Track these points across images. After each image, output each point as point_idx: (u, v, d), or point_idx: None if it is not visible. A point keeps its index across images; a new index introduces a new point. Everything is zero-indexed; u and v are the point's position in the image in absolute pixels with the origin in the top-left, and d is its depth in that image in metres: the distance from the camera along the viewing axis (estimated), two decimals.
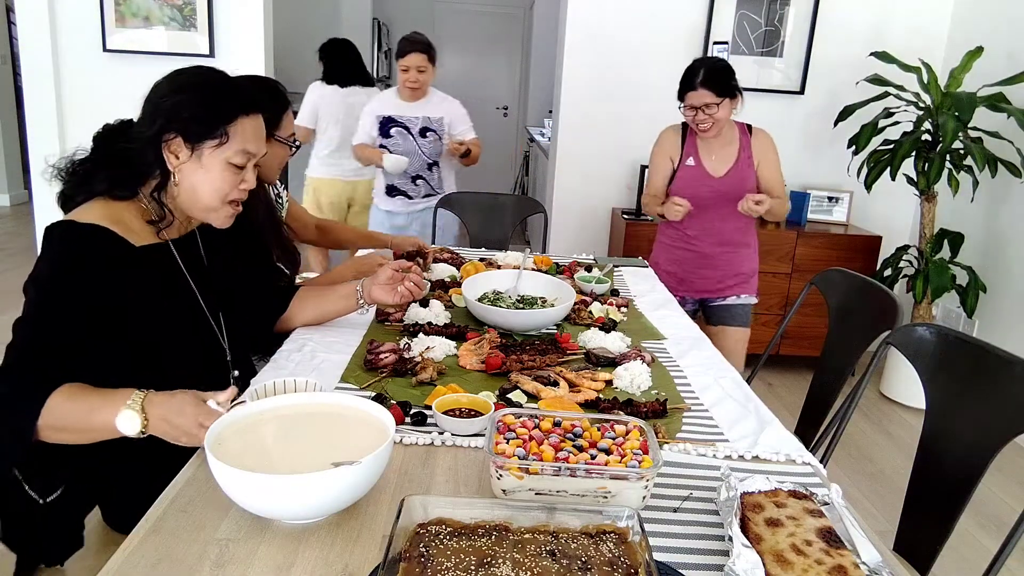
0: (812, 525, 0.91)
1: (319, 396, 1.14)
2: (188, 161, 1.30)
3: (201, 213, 1.36)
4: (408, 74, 3.09)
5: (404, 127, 3.18)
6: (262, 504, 0.92)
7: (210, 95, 1.32)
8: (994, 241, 3.39)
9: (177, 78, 1.32)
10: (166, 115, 1.28)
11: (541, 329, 1.78)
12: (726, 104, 2.34)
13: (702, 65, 2.36)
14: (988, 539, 2.42)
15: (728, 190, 2.44)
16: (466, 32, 8.49)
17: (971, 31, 3.59)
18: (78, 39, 3.63)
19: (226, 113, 1.31)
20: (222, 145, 1.30)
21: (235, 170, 1.33)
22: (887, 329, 1.69)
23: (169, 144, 1.29)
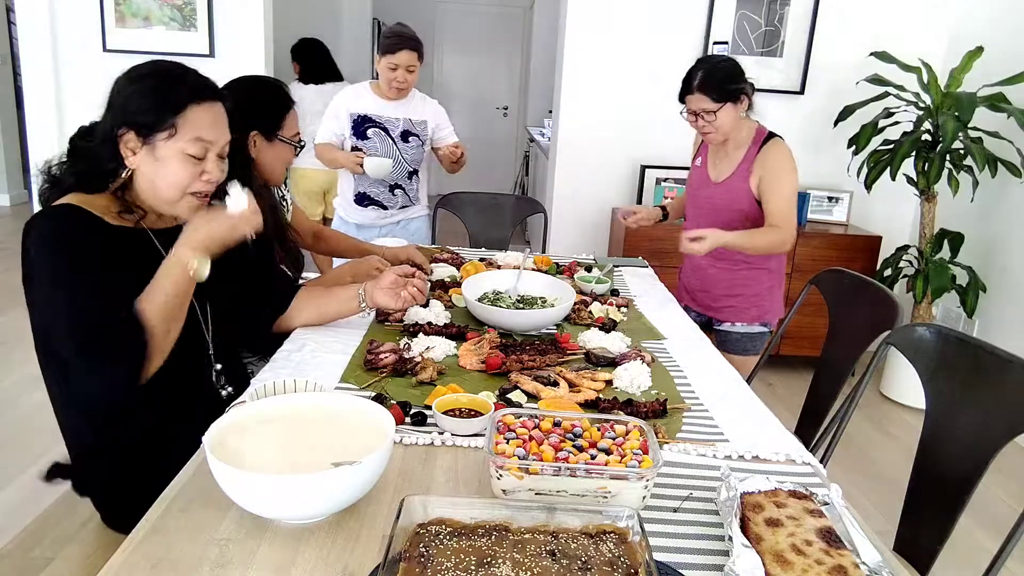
0: (812, 525, 0.91)
1: (319, 396, 1.14)
2: (142, 155, 1.28)
3: (165, 207, 1.34)
4: (396, 73, 2.73)
5: (383, 129, 2.83)
6: (262, 504, 0.92)
7: (156, 86, 1.30)
8: (994, 241, 3.39)
9: (130, 72, 1.32)
10: (117, 110, 1.28)
11: (541, 329, 1.78)
12: (727, 109, 2.15)
13: (700, 67, 2.19)
14: (988, 539, 2.41)
15: (719, 200, 2.26)
16: (466, 32, 8.49)
17: (971, 31, 3.59)
18: (78, 39, 3.64)
19: (174, 103, 1.29)
20: (172, 136, 1.28)
21: (193, 161, 1.30)
22: (887, 329, 1.69)
23: (123, 139, 1.28)
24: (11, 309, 3.93)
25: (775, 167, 2.15)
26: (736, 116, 2.19)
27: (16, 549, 1.34)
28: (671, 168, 3.82)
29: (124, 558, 0.88)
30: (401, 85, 2.76)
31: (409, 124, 2.85)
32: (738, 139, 2.24)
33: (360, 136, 2.83)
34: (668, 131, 3.84)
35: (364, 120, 2.83)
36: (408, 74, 2.75)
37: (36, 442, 2.60)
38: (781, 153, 2.18)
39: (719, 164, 2.29)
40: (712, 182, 2.28)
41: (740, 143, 2.24)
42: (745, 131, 2.24)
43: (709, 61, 2.26)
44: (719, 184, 2.26)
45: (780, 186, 2.14)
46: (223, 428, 1.01)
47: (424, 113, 2.88)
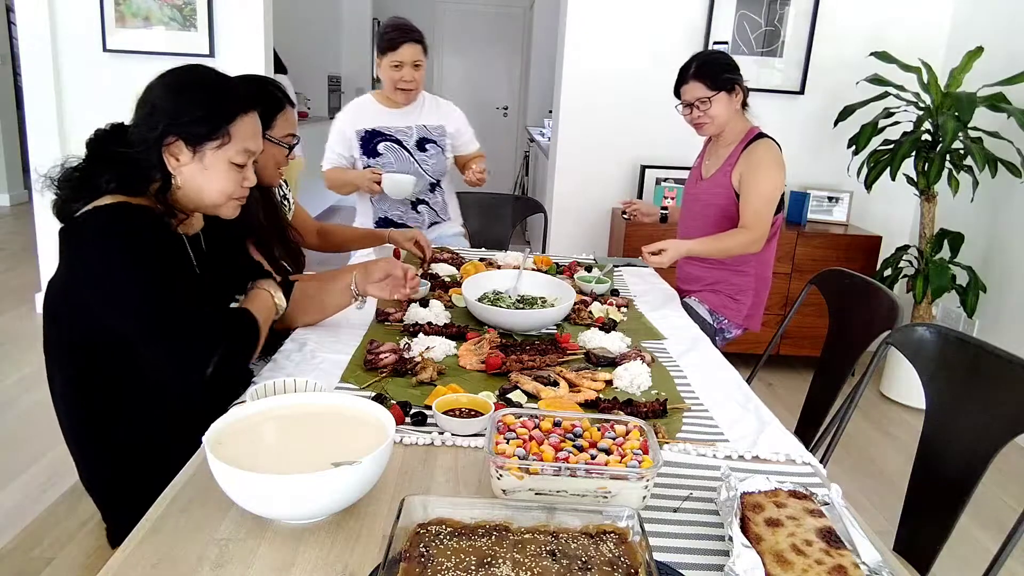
0: (812, 525, 0.91)
1: (319, 396, 1.14)
2: (190, 163, 1.29)
3: (208, 209, 1.37)
4: (402, 72, 2.46)
5: (395, 141, 2.57)
6: (262, 504, 0.92)
7: (210, 96, 1.31)
8: (994, 241, 3.39)
9: (172, 79, 1.32)
10: (167, 118, 1.27)
11: (541, 329, 1.78)
12: (721, 98, 2.14)
13: (696, 58, 2.20)
14: (988, 539, 2.42)
15: (701, 196, 2.28)
16: (466, 32, 8.49)
17: (971, 31, 3.59)
18: (78, 39, 3.63)
19: (227, 113, 1.31)
20: (224, 145, 1.31)
21: (237, 169, 1.33)
22: (887, 329, 1.69)
23: (169, 147, 1.28)
24: (11, 309, 3.93)
25: (757, 164, 2.13)
26: (730, 108, 2.18)
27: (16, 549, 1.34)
28: (671, 168, 3.82)
29: (124, 558, 0.88)
30: (408, 85, 2.50)
31: (424, 131, 2.59)
32: (730, 136, 2.25)
33: (371, 154, 2.58)
34: (668, 131, 3.84)
35: (373, 135, 2.56)
36: (415, 71, 2.49)
37: (36, 442, 2.60)
38: (766, 151, 2.15)
39: (710, 162, 2.31)
40: (701, 179, 2.31)
41: (731, 140, 2.24)
42: (738, 129, 2.24)
43: (704, 53, 2.29)
44: (706, 180, 2.28)
45: (758, 183, 2.12)
46: (223, 428, 1.01)
47: (439, 117, 2.63)
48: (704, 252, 2.14)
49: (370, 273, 1.63)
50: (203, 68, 1.36)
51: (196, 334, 1.25)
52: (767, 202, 2.13)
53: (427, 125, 2.61)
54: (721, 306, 2.34)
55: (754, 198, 2.12)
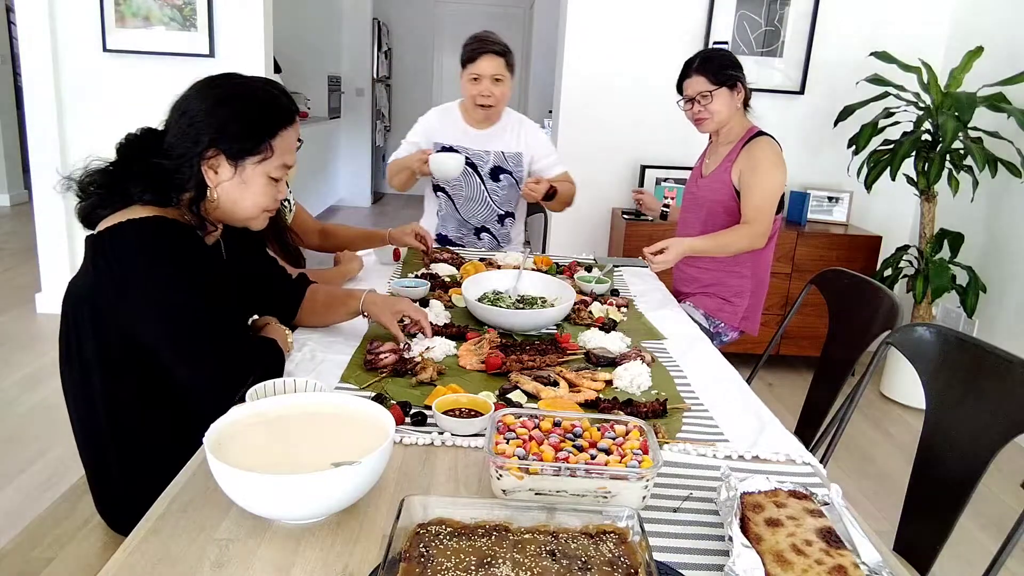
0: (812, 525, 0.91)
1: (319, 396, 1.14)
2: (228, 176, 1.28)
3: (238, 222, 1.37)
4: (480, 85, 2.34)
5: (470, 164, 2.44)
6: (262, 504, 0.92)
7: (255, 109, 1.29)
8: (994, 241, 3.39)
9: (213, 90, 1.29)
10: (211, 132, 1.25)
11: (541, 329, 1.78)
12: (723, 94, 2.16)
13: (700, 53, 2.24)
14: (988, 539, 2.42)
15: (702, 193, 2.28)
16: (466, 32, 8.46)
17: (971, 31, 3.59)
18: (78, 39, 3.64)
19: (271, 128, 1.29)
20: (265, 160, 1.30)
21: (274, 183, 1.33)
22: (887, 329, 1.69)
23: (209, 160, 1.27)
24: (11, 309, 3.93)
25: (757, 161, 2.14)
26: (731, 105, 2.19)
27: (16, 549, 1.34)
28: (671, 168, 3.82)
29: (124, 558, 0.88)
30: (487, 100, 2.36)
31: (501, 159, 2.46)
32: (730, 135, 2.25)
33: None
34: (668, 131, 3.85)
35: (450, 152, 2.45)
36: (495, 85, 2.35)
37: (36, 442, 2.60)
38: (766, 149, 2.15)
39: (710, 160, 2.31)
40: (701, 177, 2.32)
41: (731, 138, 2.25)
42: (738, 127, 2.24)
43: (708, 49, 2.38)
44: (706, 177, 2.28)
45: (759, 180, 2.12)
46: (223, 428, 1.01)
47: (519, 143, 2.48)
48: (706, 249, 2.13)
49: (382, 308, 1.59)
50: (243, 78, 1.34)
51: (230, 365, 1.26)
52: (768, 198, 2.13)
53: (505, 152, 2.48)
54: (716, 309, 2.34)
55: (755, 193, 2.12)
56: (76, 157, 1.32)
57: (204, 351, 1.26)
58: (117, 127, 1.37)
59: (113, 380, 1.28)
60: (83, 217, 1.29)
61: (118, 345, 1.26)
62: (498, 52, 2.33)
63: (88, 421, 1.33)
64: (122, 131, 1.34)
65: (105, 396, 1.29)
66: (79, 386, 1.31)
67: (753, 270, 2.30)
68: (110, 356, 1.27)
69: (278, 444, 1.06)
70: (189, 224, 1.28)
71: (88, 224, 1.29)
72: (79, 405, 1.33)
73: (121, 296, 1.22)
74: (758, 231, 2.10)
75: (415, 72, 8.70)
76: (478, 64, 2.33)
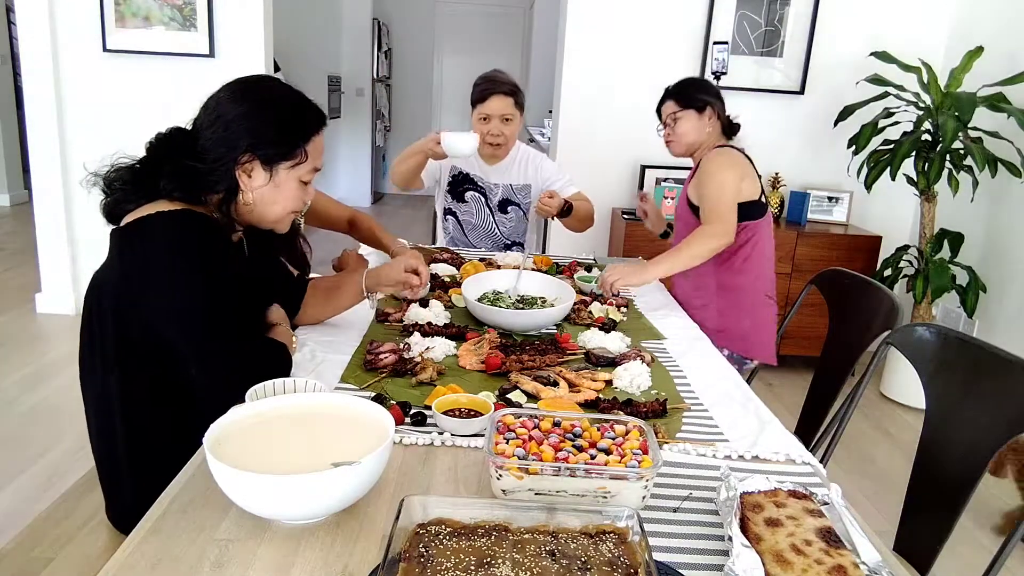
0: (812, 525, 0.91)
1: (319, 396, 1.14)
2: (262, 180, 1.30)
3: (268, 225, 1.38)
4: (489, 125, 2.39)
5: (482, 193, 2.54)
6: (262, 504, 0.92)
7: (291, 115, 1.31)
8: (994, 241, 3.39)
9: (248, 95, 1.30)
10: (249, 137, 1.27)
11: (541, 329, 1.78)
12: (690, 116, 2.14)
13: (680, 80, 2.23)
14: (988, 539, 2.42)
15: (679, 218, 2.27)
16: (466, 32, 8.50)
17: (971, 31, 3.59)
18: (78, 39, 3.64)
19: (305, 133, 1.32)
20: (298, 165, 1.32)
21: (304, 186, 1.35)
22: (887, 329, 1.69)
23: (243, 165, 1.28)
24: (11, 309, 3.94)
25: (706, 171, 2.08)
26: (698, 127, 2.15)
27: (16, 549, 1.34)
28: (671, 168, 3.82)
29: (124, 558, 0.88)
30: (496, 139, 2.41)
31: (509, 191, 2.53)
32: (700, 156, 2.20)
33: (457, 198, 2.57)
34: None
35: (464, 179, 2.54)
36: (504, 125, 2.40)
37: (36, 442, 2.60)
38: (719, 155, 2.09)
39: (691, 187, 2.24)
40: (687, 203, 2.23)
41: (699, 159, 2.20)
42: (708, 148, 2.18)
43: (687, 78, 2.28)
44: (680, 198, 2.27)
45: (709, 183, 2.05)
46: (223, 428, 1.01)
47: (527, 175, 2.54)
48: (671, 266, 2.02)
49: (386, 277, 1.64)
50: (276, 82, 1.36)
51: (241, 367, 1.26)
52: (720, 199, 2.02)
53: (513, 185, 2.55)
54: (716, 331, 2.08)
55: (707, 196, 2.04)
56: (76, 157, 1.33)
57: (218, 350, 1.26)
58: (117, 127, 1.38)
59: (131, 374, 1.28)
60: (107, 212, 1.30)
61: (139, 339, 1.27)
62: (507, 92, 2.38)
63: (104, 415, 1.33)
64: (122, 131, 1.35)
65: (122, 390, 1.29)
66: (98, 379, 1.31)
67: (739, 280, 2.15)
68: (130, 350, 1.28)
69: (278, 444, 1.06)
70: (217, 220, 1.30)
71: (112, 219, 1.30)
72: (96, 398, 1.33)
73: (144, 287, 1.23)
74: (718, 229, 1.99)
75: (415, 72, 8.70)
76: (488, 104, 2.38)
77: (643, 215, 2.54)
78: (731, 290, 2.18)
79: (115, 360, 1.28)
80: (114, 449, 1.33)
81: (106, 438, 1.34)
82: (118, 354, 1.28)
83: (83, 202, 3.79)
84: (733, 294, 2.18)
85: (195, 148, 1.28)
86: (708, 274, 2.16)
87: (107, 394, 1.30)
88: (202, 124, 1.30)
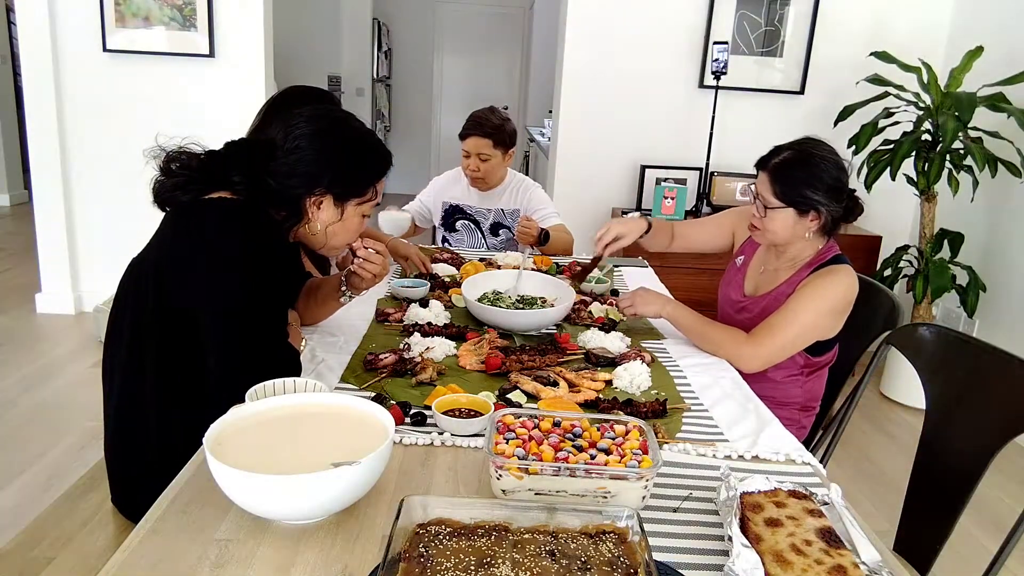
0: (812, 525, 0.91)
1: (319, 396, 1.14)
2: (329, 213, 1.35)
3: (326, 251, 1.45)
4: (468, 161, 2.55)
5: (473, 221, 2.69)
6: (262, 504, 0.92)
7: (368, 158, 1.37)
8: (994, 241, 3.39)
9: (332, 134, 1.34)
10: (329, 175, 1.31)
11: (541, 329, 1.78)
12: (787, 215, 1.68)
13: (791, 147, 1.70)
14: (988, 539, 2.41)
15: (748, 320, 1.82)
16: (466, 32, 8.49)
17: (971, 31, 3.59)
18: (78, 39, 3.64)
19: (378, 174, 1.38)
20: (366, 202, 1.38)
21: (363, 219, 1.42)
22: (887, 329, 1.69)
23: (315, 197, 1.33)
24: (11, 309, 3.93)
25: (808, 287, 1.67)
26: (793, 230, 1.69)
27: (16, 549, 1.34)
28: (671, 168, 3.82)
29: (124, 558, 0.88)
30: (474, 174, 2.56)
31: (501, 215, 2.68)
32: (793, 257, 1.77)
33: (449, 228, 2.73)
34: (668, 131, 3.85)
35: (455, 211, 2.70)
36: (481, 163, 2.53)
37: (36, 442, 2.60)
38: (827, 278, 1.67)
39: (760, 277, 1.85)
40: (744, 293, 1.86)
41: (794, 263, 1.77)
42: (808, 251, 1.76)
43: (807, 145, 1.70)
44: (752, 299, 1.82)
45: (798, 300, 1.65)
46: (223, 428, 1.02)
47: (517, 201, 2.67)
48: (686, 326, 1.74)
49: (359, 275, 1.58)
50: (356, 123, 1.40)
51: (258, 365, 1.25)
52: (790, 331, 1.64)
53: (504, 210, 2.70)
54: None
55: (782, 316, 1.65)
56: (76, 157, 1.34)
57: (243, 348, 1.25)
58: (117, 127, 1.38)
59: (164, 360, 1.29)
60: (158, 193, 1.30)
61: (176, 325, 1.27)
62: (484, 134, 2.52)
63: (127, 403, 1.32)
64: (122, 131, 1.35)
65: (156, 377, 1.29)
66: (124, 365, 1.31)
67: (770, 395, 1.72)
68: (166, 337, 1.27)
69: (278, 444, 1.06)
70: (275, 218, 1.32)
71: (160, 203, 1.30)
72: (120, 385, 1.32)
73: (191, 268, 1.24)
74: (756, 352, 1.64)
75: (415, 72, 8.70)
76: (467, 142, 2.56)
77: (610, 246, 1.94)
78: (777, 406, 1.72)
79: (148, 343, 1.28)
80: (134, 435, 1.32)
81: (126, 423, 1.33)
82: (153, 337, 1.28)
83: (83, 202, 3.80)
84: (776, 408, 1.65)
85: (268, 165, 1.31)
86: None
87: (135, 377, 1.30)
88: (280, 145, 1.32)
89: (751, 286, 1.87)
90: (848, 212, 1.73)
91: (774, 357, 1.67)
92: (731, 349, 1.66)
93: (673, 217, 3.63)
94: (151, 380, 1.29)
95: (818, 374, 1.83)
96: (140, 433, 1.32)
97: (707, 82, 3.76)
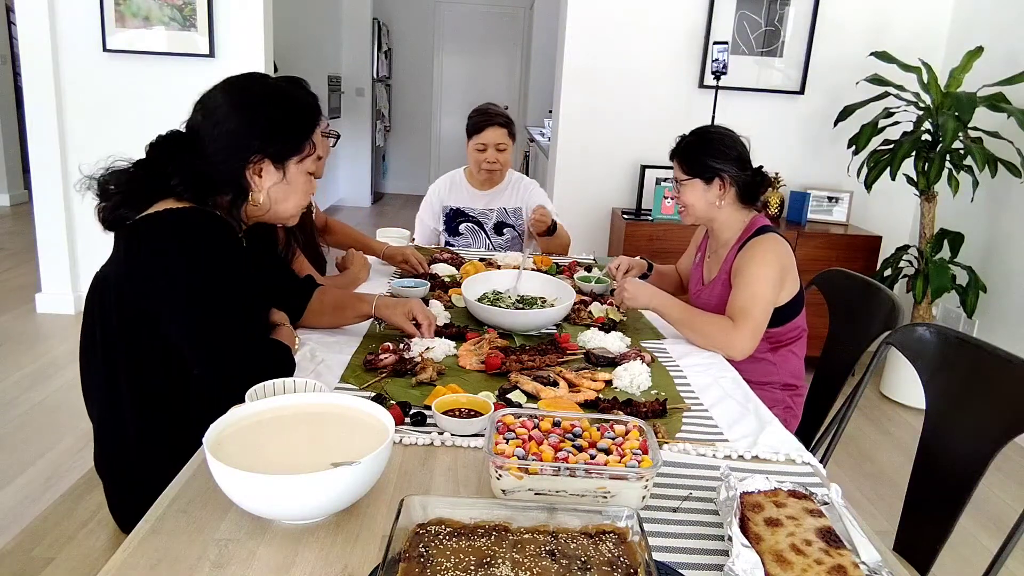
0: (812, 525, 0.91)
1: (319, 396, 1.14)
2: (276, 182, 1.31)
3: (280, 220, 1.40)
4: (485, 154, 2.56)
5: (476, 222, 2.70)
6: (262, 504, 0.92)
7: (294, 112, 1.32)
8: (994, 241, 3.39)
9: (248, 96, 1.30)
10: (258, 140, 1.27)
11: (541, 329, 1.78)
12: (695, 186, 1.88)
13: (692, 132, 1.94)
14: (988, 539, 2.41)
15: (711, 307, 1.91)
16: (466, 32, 8.50)
17: (971, 31, 3.59)
18: (78, 39, 3.64)
19: (310, 126, 1.33)
20: (306, 158, 1.33)
21: (311, 178, 1.37)
22: (887, 329, 1.69)
23: (254, 165, 1.29)
24: (11, 309, 3.93)
25: (748, 259, 1.79)
26: (705, 200, 1.86)
27: (16, 549, 1.34)
28: (671, 168, 3.81)
29: (124, 558, 0.88)
30: (492, 167, 2.59)
31: (504, 214, 2.70)
32: (725, 235, 1.91)
33: (452, 232, 2.72)
34: (668, 131, 3.83)
35: (456, 214, 2.71)
36: (499, 153, 2.58)
37: (36, 442, 2.60)
38: (761, 245, 1.80)
39: (710, 263, 2.01)
40: (704, 284, 1.99)
41: (727, 240, 1.91)
42: (736, 225, 1.89)
43: (703, 128, 1.95)
44: (707, 287, 1.96)
45: (746, 277, 1.76)
46: (223, 428, 1.01)
47: (519, 199, 2.71)
48: (675, 319, 1.79)
49: (395, 309, 1.61)
50: (267, 79, 1.36)
51: (245, 369, 1.25)
52: (756, 299, 1.73)
53: (507, 208, 2.72)
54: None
55: (741, 291, 1.76)
56: (76, 157, 1.33)
57: (223, 351, 1.25)
58: (117, 127, 1.38)
59: (136, 373, 1.28)
60: (104, 218, 1.27)
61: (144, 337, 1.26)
62: (501, 124, 2.55)
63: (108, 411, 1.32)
64: (122, 131, 1.34)
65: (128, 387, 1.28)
66: (100, 378, 1.30)
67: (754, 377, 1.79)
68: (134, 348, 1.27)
69: (278, 444, 1.06)
70: (225, 220, 1.29)
71: (109, 226, 1.27)
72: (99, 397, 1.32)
73: (151, 285, 1.22)
74: (736, 337, 1.70)
75: (415, 72, 8.70)
76: (483, 135, 2.55)
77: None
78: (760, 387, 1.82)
79: (119, 358, 1.27)
80: (118, 447, 1.33)
81: (109, 435, 1.34)
82: (122, 352, 1.27)
83: (83, 202, 3.80)
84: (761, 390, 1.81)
85: (199, 152, 1.27)
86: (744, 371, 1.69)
87: (112, 390, 1.29)
88: (201, 129, 1.28)
89: (707, 275, 2.01)
90: (758, 184, 1.89)
91: (757, 335, 1.74)
92: (722, 339, 1.72)
93: (673, 217, 3.64)
94: (127, 395, 1.29)
95: (789, 349, 1.93)
96: (122, 445, 1.33)
97: (707, 82, 3.76)
